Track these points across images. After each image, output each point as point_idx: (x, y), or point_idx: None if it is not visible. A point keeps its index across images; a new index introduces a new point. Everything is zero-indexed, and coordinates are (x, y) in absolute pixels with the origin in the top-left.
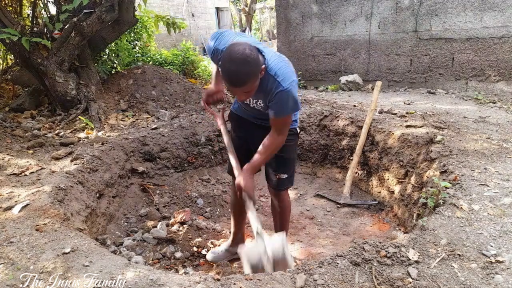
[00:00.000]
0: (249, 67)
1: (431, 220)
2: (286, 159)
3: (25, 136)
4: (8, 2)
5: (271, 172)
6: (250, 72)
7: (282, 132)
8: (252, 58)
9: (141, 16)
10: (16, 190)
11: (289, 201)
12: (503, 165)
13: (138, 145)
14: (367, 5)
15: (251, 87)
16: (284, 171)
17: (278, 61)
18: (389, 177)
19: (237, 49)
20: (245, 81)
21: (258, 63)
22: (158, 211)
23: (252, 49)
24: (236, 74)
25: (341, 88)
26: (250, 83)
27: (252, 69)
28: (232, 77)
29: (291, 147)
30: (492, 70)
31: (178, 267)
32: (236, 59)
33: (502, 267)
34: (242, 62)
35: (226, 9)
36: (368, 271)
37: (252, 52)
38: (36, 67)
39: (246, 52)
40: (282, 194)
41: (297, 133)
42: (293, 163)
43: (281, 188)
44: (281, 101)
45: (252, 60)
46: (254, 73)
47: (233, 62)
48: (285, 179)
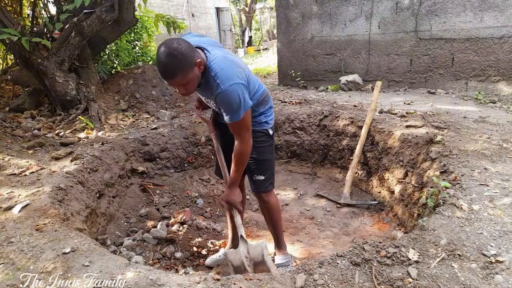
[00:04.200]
0: (174, 60)
1: (431, 220)
2: (259, 160)
3: (25, 136)
4: (8, 2)
5: (248, 174)
6: (176, 64)
7: (242, 139)
8: (179, 51)
9: (141, 16)
10: (16, 190)
11: (275, 202)
12: (503, 165)
13: (138, 145)
14: (367, 5)
15: (183, 80)
16: (260, 173)
17: (222, 62)
18: (389, 177)
19: (166, 43)
20: (172, 73)
21: (185, 57)
22: (158, 211)
23: (180, 44)
24: (164, 66)
25: (341, 88)
26: (179, 75)
27: (177, 62)
28: (160, 69)
29: (264, 149)
30: (492, 70)
31: (178, 267)
32: (164, 52)
33: (502, 267)
34: (168, 54)
35: (226, 9)
36: (368, 271)
37: (180, 46)
38: (36, 67)
39: (173, 46)
40: (264, 196)
41: (269, 134)
42: (269, 165)
43: (260, 190)
44: (223, 103)
45: (178, 53)
46: (181, 65)
47: (161, 55)
48: (262, 181)
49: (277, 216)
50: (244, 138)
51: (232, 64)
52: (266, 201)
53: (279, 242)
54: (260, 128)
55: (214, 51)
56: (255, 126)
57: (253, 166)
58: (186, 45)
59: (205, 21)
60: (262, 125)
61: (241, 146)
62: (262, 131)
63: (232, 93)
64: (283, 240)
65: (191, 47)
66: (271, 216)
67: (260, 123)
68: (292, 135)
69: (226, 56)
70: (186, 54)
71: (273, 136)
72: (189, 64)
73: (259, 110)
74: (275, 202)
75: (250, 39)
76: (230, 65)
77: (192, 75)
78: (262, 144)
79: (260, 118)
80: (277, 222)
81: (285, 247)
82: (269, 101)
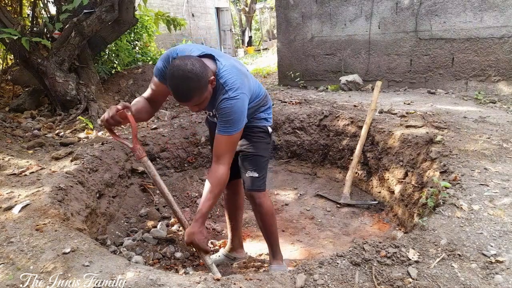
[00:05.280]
0: (191, 83)
1: (431, 220)
2: (255, 156)
3: (25, 136)
4: (8, 2)
5: (242, 171)
6: (192, 87)
7: (223, 160)
8: (194, 73)
9: (141, 16)
10: (16, 190)
11: (268, 206)
12: (503, 165)
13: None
14: (367, 5)
15: (199, 100)
16: (254, 169)
17: (231, 71)
18: (389, 177)
19: (178, 64)
20: (189, 96)
21: (201, 77)
22: (158, 211)
23: (194, 64)
24: (180, 90)
25: (341, 88)
26: (196, 97)
27: (194, 84)
28: (176, 93)
29: (261, 145)
30: (492, 70)
31: (178, 267)
32: (178, 76)
33: (502, 267)
34: (183, 78)
35: (226, 9)
36: (368, 271)
37: (194, 66)
38: (36, 67)
39: (187, 68)
40: (256, 196)
41: (268, 132)
42: (265, 164)
43: (253, 188)
44: (225, 110)
45: (193, 75)
46: (197, 87)
47: (175, 79)
48: (256, 179)
49: (271, 222)
50: (225, 160)
51: (240, 73)
52: (259, 204)
53: (274, 252)
54: (259, 124)
55: (222, 59)
56: (254, 122)
57: (248, 161)
58: (199, 65)
59: (205, 21)
60: (261, 121)
61: (219, 168)
62: (261, 127)
63: (237, 103)
64: (278, 249)
65: (203, 66)
66: (264, 221)
67: (259, 119)
68: (292, 135)
69: (234, 65)
70: (201, 75)
71: (270, 135)
72: (205, 85)
73: (260, 110)
74: (269, 206)
75: (250, 39)
76: (239, 74)
77: (207, 93)
78: (259, 140)
79: (260, 115)
80: (271, 228)
81: (281, 257)
82: (268, 102)
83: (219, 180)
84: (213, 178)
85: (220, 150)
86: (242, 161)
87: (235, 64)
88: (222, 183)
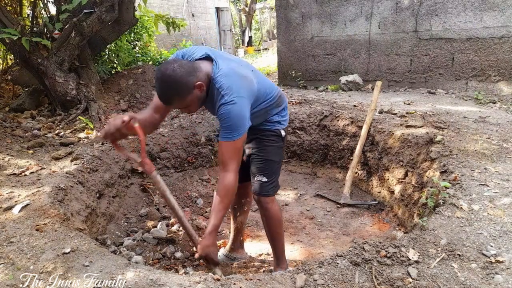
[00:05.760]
0: (168, 87)
1: (431, 220)
2: (265, 160)
3: (25, 136)
4: (8, 2)
5: (251, 174)
6: (170, 92)
7: (229, 167)
8: (173, 78)
9: (141, 16)
10: (16, 190)
11: (276, 211)
12: (503, 165)
13: (138, 145)
14: (367, 5)
15: (181, 104)
16: (263, 174)
17: (228, 75)
18: (389, 177)
19: (163, 68)
20: (169, 100)
21: (180, 82)
22: (158, 211)
23: (175, 70)
24: (160, 94)
25: (341, 88)
26: (176, 102)
27: (171, 89)
28: (159, 96)
29: (272, 149)
30: (492, 70)
31: (178, 267)
32: (159, 79)
33: (502, 267)
34: (162, 81)
35: (226, 9)
36: (368, 271)
37: (175, 72)
38: (36, 67)
39: (167, 73)
40: (264, 201)
41: (280, 135)
42: (275, 168)
43: (260, 193)
44: (223, 116)
45: (171, 80)
46: (175, 93)
47: (157, 82)
48: (265, 184)
49: (278, 228)
50: (231, 166)
51: (238, 76)
52: (266, 209)
53: (278, 258)
54: (271, 127)
55: (221, 61)
56: (266, 125)
57: (258, 165)
58: (183, 70)
59: (205, 21)
60: (274, 125)
61: (225, 175)
62: (274, 131)
63: (234, 107)
64: (283, 257)
65: (189, 71)
66: (270, 226)
67: (272, 122)
68: (292, 135)
69: (232, 67)
70: (181, 80)
71: (284, 138)
72: (186, 89)
73: (272, 112)
74: (276, 212)
75: (250, 39)
76: (236, 78)
77: (191, 98)
78: (271, 144)
79: (273, 118)
80: (277, 235)
81: (286, 266)
82: (282, 102)
83: (228, 189)
84: (221, 188)
85: (225, 157)
86: (252, 164)
87: (234, 67)
88: (231, 192)
